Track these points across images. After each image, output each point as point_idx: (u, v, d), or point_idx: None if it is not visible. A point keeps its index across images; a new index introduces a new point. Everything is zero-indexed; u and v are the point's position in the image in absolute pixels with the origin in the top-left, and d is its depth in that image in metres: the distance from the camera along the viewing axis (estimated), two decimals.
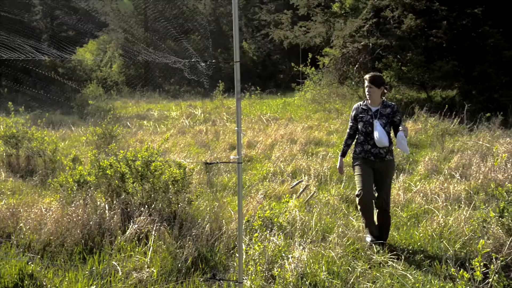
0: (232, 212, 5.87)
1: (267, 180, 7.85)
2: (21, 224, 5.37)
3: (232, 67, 3.43)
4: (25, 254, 4.77)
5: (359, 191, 5.03)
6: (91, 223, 5.25)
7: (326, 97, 17.13)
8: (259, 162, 9.36)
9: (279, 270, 4.41)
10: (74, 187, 5.92)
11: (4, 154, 8.87)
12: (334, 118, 14.72)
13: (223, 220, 5.49)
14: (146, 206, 5.56)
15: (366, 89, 5.11)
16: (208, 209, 5.94)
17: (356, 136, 5.26)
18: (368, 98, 5.14)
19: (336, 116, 15.13)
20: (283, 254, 4.73)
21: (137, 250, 4.81)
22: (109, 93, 22.73)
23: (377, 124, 4.98)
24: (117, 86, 26.36)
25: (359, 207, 5.15)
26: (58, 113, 17.34)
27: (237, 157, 3.50)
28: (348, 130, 5.33)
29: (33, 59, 5.40)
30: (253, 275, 4.32)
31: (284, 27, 20.67)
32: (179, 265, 4.54)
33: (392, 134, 5.19)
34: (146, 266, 4.52)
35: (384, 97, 5.18)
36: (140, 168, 5.76)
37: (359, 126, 5.14)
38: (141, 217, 5.29)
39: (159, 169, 5.77)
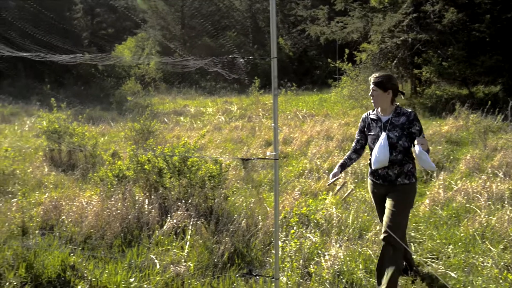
0: (268, 208, 5.86)
1: (303, 176, 7.81)
2: (63, 217, 5.53)
3: (268, 63, 3.41)
4: (67, 246, 4.91)
5: (383, 235, 4.01)
6: (129, 217, 5.36)
7: (363, 93, 16.85)
8: (295, 158, 9.32)
9: (316, 267, 4.39)
10: (114, 182, 6.04)
11: (47, 148, 9.15)
12: None
13: (259, 216, 5.49)
14: (183, 201, 5.62)
15: (370, 93, 4.15)
16: (244, 205, 5.96)
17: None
18: (373, 104, 4.17)
19: None
20: (320, 251, 4.69)
21: (174, 244, 4.87)
22: (147, 90, 23.10)
23: (383, 137, 3.98)
24: (155, 83, 26.76)
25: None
26: (98, 109, 17.76)
27: (274, 153, 3.48)
28: (353, 144, 4.39)
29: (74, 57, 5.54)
30: (289, 272, 4.31)
31: (320, 23, 20.45)
32: (216, 260, 4.57)
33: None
34: (183, 260, 4.57)
35: (396, 103, 4.16)
36: (177, 164, 5.83)
37: (368, 141, 4.21)
38: (178, 212, 5.36)
39: (196, 164, 5.82)
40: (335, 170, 4.24)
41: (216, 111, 16.96)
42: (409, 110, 4.10)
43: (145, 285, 4.18)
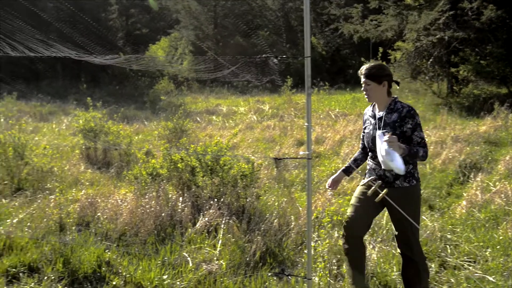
0: (300, 208, 5.83)
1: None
2: (99, 214, 5.64)
3: (301, 62, 3.40)
4: (103, 242, 5.01)
5: (345, 221, 3.79)
6: (163, 214, 5.42)
7: (397, 93, 16.54)
8: (328, 158, 9.24)
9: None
10: (148, 180, 6.12)
11: (83, 147, 9.36)
12: None
13: (291, 216, 5.47)
14: (215, 199, 5.65)
15: (363, 87, 3.73)
16: (276, 204, 5.94)
17: None
18: (367, 100, 3.77)
19: None
20: None
21: (206, 242, 4.91)
22: (179, 89, 23.34)
23: (380, 136, 3.46)
24: (188, 82, 27.01)
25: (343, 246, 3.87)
26: (132, 108, 18.03)
27: (307, 153, 3.46)
28: (360, 144, 4.05)
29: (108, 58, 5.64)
30: (322, 272, 4.27)
31: (354, 21, 20.22)
32: (248, 259, 4.57)
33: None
34: (215, 258, 4.59)
35: (394, 96, 3.73)
36: (209, 163, 5.87)
37: (364, 139, 3.89)
38: (211, 210, 5.39)
39: (228, 163, 5.85)
40: (337, 174, 4.00)
41: (248, 110, 16.99)
42: (405, 105, 3.64)
43: (178, 282, 4.22)
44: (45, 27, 12.82)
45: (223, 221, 5.18)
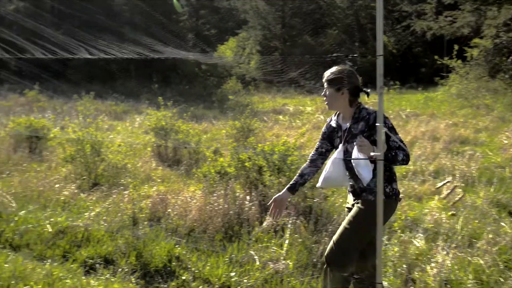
0: None
1: (407, 179, 7.49)
2: (169, 210, 5.80)
3: (370, 61, 3.29)
4: (172, 237, 5.14)
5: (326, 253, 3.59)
6: (230, 212, 5.48)
7: (474, 92, 15.82)
8: None
9: (420, 274, 4.18)
10: (216, 178, 6.22)
11: (155, 144, 9.68)
12: (483, 115, 13.53)
13: None
14: None
15: (323, 92, 3.44)
16: (344, 205, 5.83)
17: None
18: (327, 107, 3.46)
19: (485, 112, 13.90)
20: (425, 258, 4.46)
21: (273, 241, 4.91)
22: (247, 89, 23.57)
23: (338, 150, 3.33)
24: (255, 82, 27.22)
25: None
26: (201, 108, 18.42)
27: (378, 154, 3.35)
28: (311, 154, 3.63)
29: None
30: (392, 277, 4.14)
31: (427, 18, 19.52)
32: (315, 260, 4.52)
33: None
34: (282, 258, 4.58)
35: (359, 103, 3.37)
36: (277, 162, 5.87)
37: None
38: None
39: (295, 163, 5.81)
40: (280, 194, 3.54)
41: (315, 110, 16.84)
42: (371, 110, 3.27)
43: (245, 280, 4.25)
44: (120, 27, 13.40)
45: (290, 221, 5.16)
